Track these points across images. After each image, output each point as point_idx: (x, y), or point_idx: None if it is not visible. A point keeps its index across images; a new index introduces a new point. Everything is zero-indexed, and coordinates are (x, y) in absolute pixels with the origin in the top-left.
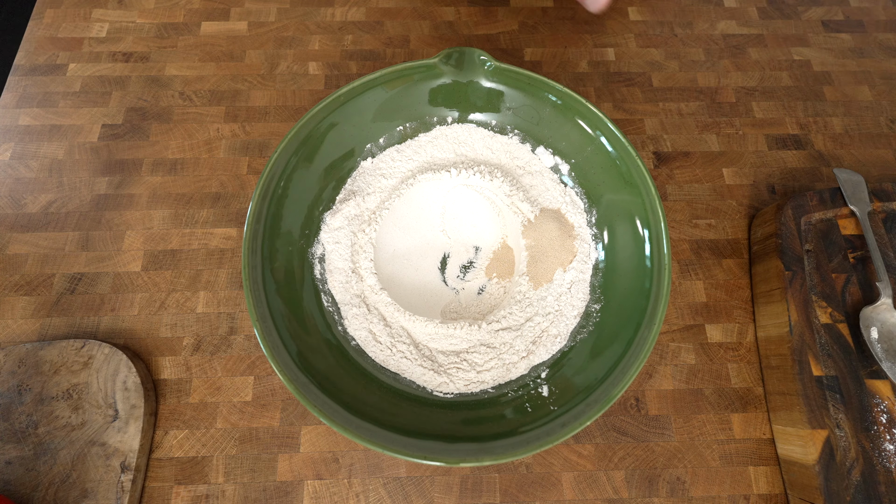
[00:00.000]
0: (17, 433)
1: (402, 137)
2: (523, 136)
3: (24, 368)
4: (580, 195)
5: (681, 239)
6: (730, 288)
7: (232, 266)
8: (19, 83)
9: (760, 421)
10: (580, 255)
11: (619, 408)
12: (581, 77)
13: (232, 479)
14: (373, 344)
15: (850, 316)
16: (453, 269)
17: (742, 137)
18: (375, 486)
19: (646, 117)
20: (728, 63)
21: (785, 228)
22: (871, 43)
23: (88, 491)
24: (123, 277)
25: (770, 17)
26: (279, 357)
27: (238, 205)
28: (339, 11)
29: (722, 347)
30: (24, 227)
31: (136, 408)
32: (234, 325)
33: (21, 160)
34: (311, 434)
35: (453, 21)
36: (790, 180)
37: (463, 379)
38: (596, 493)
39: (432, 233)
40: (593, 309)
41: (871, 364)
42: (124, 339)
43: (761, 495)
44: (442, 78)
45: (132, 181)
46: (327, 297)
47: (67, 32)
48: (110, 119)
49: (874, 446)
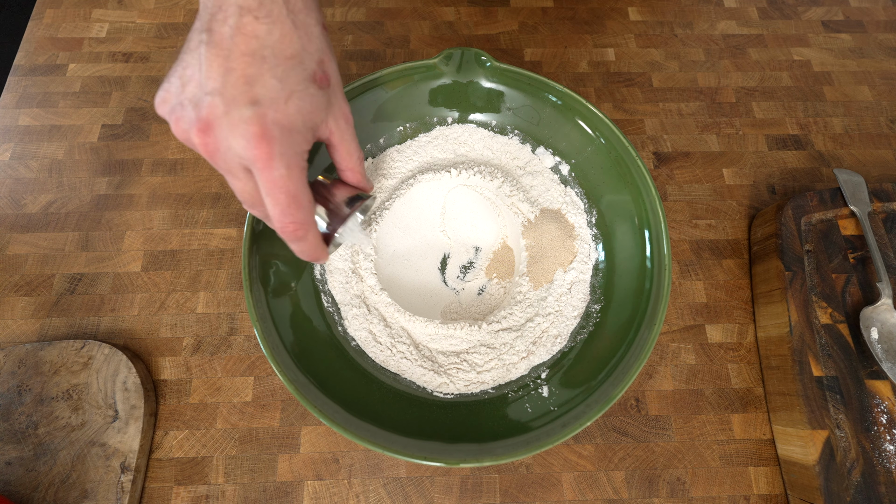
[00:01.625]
0: (16, 434)
1: (402, 138)
2: (523, 136)
3: (24, 369)
4: (580, 195)
5: (681, 239)
6: (730, 288)
7: (232, 266)
8: (19, 83)
9: (760, 421)
10: (580, 256)
11: (620, 408)
12: (581, 77)
13: (232, 480)
14: (373, 344)
15: (850, 316)
16: (453, 269)
17: (742, 138)
18: (375, 487)
19: (646, 117)
20: (728, 63)
21: (785, 229)
22: (871, 43)
23: (88, 491)
24: (123, 278)
25: (770, 17)
26: (279, 357)
27: (238, 205)
28: (339, 11)
29: (722, 348)
30: (23, 228)
31: (136, 408)
32: (234, 326)
33: (21, 160)
34: (311, 434)
35: (453, 21)
36: (790, 180)
37: (463, 379)
38: (596, 494)
39: (432, 233)
40: (593, 309)
41: (872, 364)
42: (124, 339)
43: (761, 496)
44: (442, 78)
45: (132, 181)
46: (327, 298)
47: (67, 32)
48: (110, 119)
49: (874, 447)
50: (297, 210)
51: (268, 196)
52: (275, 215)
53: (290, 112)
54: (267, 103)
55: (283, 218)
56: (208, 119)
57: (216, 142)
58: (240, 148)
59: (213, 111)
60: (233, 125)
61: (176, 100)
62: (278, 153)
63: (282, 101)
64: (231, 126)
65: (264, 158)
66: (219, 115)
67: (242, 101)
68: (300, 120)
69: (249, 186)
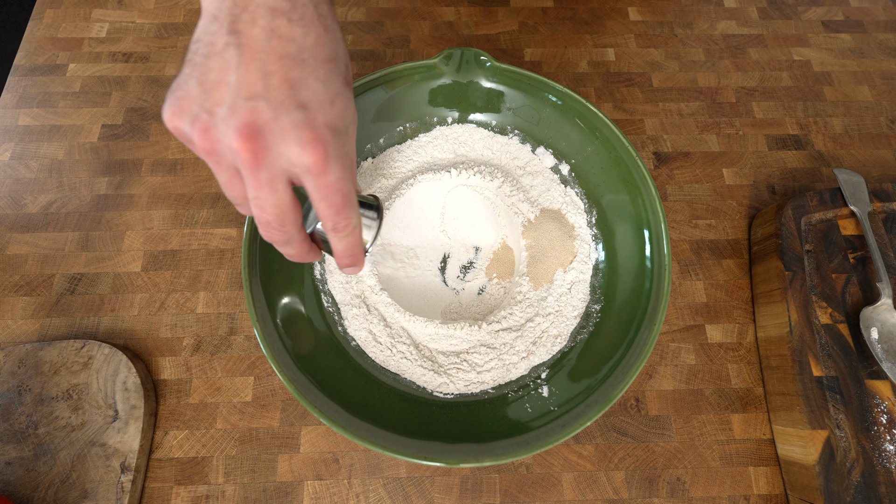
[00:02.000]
0: (16, 434)
1: (402, 138)
2: (523, 136)
3: (24, 369)
4: (580, 195)
5: (681, 239)
6: (730, 288)
7: (232, 266)
8: (19, 83)
9: (760, 421)
10: (580, 256)
11: (620, 408)
12: (581, 77)
13: (232, 480)
14: (373, 344)
15: (850, 316)
16: (453, 269)
17: (742, 138)
18: (375, 487)
19: (646, 117)
20: (728, 63)
21: (785, 229)
22: (871, 43)
23: (88, 491)
24: (123, 278)
25: (770, 17)
26: (279, 357)
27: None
28: (339, 11)
29: (722, 348)
30: (23, 228)
31: (135, 408)
32: (234, 326)
33: (21, 160)
34: (311, 434)
35: (453, 21)
36: (790, 180)
37: (463, 379)
38: (596, 494)
39: (432, 233)
40: (593, 309)
41: (872, 364)
42: (124, 339)
43: (761, 496)
44: (442, 78)
45: (132, 181)
46: (327, 298)
47: (67, 32)
48: (110, 119)
49: (874, 447)
50: (350, 210)
51: (323, 201)
52: (328, 217)
53: (336, 115)
54: (315, 107)
55: (337, 218)
56: (255, 124)
57: (265, 149)
58: (293, 154)
59: (260, 115)
60: (284, 130)
61: (199, 107)
62: (332, 156)
63: (328, 104)
64: (283, 131)
65: (320, 163)
66: (267, 121)
67: (291, 105)
68: (343, 122)
69: (286, 197)
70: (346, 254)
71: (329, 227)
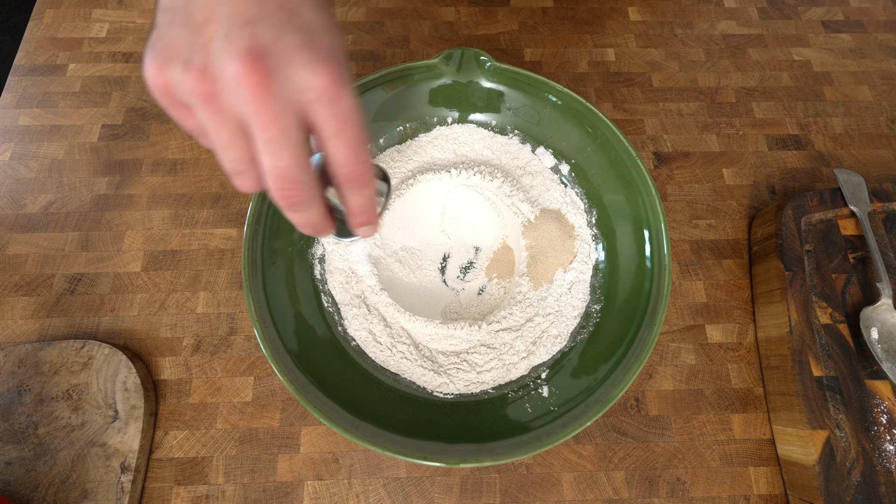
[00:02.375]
0: (16, 434)
1: (402, 138)
2: (523, 136)
3: (24, 369)
4: (580, 195)
5: (681, 239)
6: (730, 288)
7: (232, 266)
8: (19, 83)
9: (760, 421)
10: (580, 256)
11: (620, 408)
12: (581, 77)
13: (232, 480)
14: (373, 344)
15: (850, 316)
16: (453, 269)
17: (742, 138)
18: (375, 487)
19: (646, 117)
20: (728, 63)
21: (785, 229)
22: (871, 43)
23: (88, 491)
24: (123, 278)
25: (770, 17)
26: (279, 357)
27: (238, 205)
28: (339, 11)
29: (722, 348)
30: (23, 228)
31: (135, 408)
32: (234, 326)
33: (21, 160)
34: (311, 434)
35: (453, 21)
36: (790, 180)
37: (463, 379)
38: (596, 494)
39: (432, 233)
40: (593, 309)
41: (872, 364)
42: (124, 339)
43: (761, 496)
44: (442, 78)
45: (132, 181)
46: (327, 298)
47: (67, 32)
48: (110, 119)
49: (874, 447)
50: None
51: (338, 135)
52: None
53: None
54: (318, 31)
55: (355, 159)
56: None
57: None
58: (302, 77)
59: (261, 39)
60: (290, 51)
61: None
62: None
63: (328, 30)
64: (288, 52)
65: (333, 85)
66: (269, 43)
67: (291, 27)
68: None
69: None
70: (362, 209)
71: (345, 174)
